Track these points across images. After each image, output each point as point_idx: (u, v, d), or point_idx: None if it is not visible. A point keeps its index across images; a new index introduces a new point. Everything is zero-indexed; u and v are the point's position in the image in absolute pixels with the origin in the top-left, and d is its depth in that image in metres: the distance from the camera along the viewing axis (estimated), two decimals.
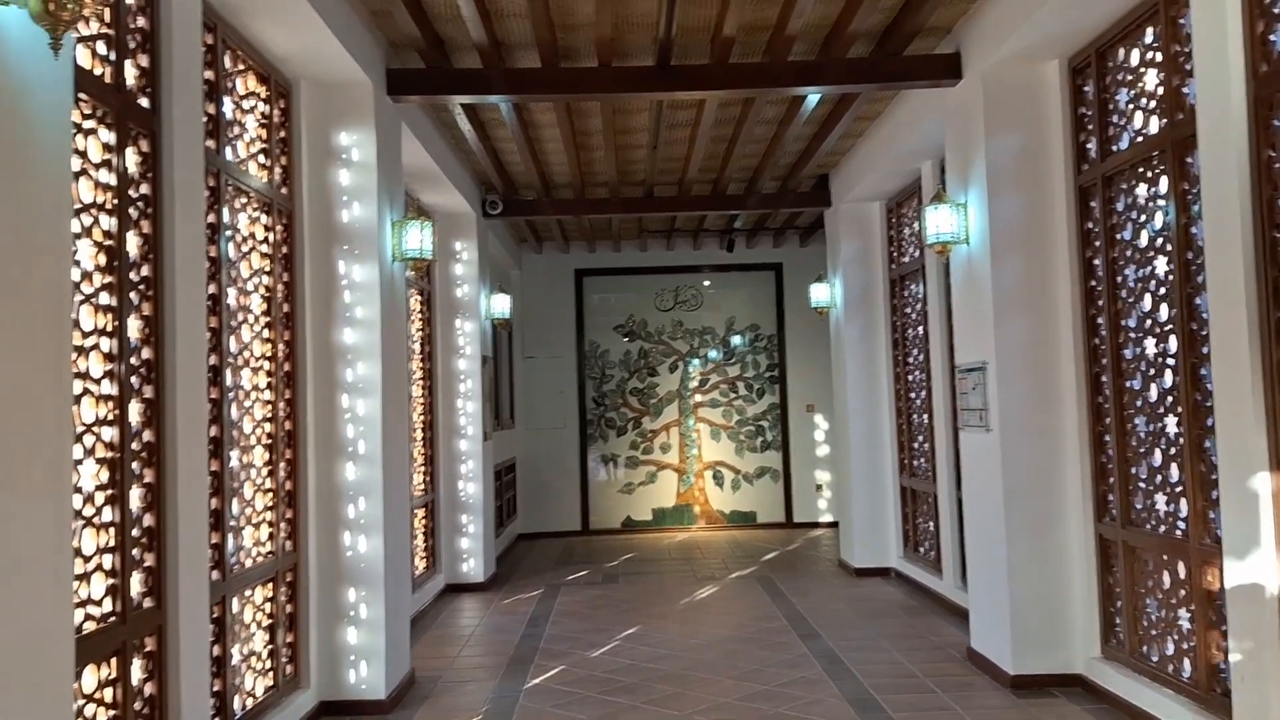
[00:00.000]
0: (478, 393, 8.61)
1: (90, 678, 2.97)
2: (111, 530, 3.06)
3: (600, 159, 8.01)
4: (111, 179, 3.10)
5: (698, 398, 12.17)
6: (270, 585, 4.65)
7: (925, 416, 7.79)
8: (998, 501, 5.31)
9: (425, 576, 7.93)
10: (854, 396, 8.76)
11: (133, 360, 3.19)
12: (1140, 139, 4.56)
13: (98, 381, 3.01)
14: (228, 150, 4.29)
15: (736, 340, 12.22)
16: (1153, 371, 4.54)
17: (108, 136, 3.09)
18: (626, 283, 12.24)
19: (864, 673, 5.59)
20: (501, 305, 9.49)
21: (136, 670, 3.18)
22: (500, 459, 10.40)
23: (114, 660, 3.06)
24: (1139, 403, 4.67)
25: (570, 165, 7.94)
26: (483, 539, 8.64)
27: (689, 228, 11.12)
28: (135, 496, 3.20)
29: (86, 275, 2.98)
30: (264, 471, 4.63)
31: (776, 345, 12.18)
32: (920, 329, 7.86)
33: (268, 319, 4.70)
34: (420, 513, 7.93)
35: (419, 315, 8.03)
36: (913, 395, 8.18)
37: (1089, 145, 5.04)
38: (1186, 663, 4.34)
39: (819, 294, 9.26)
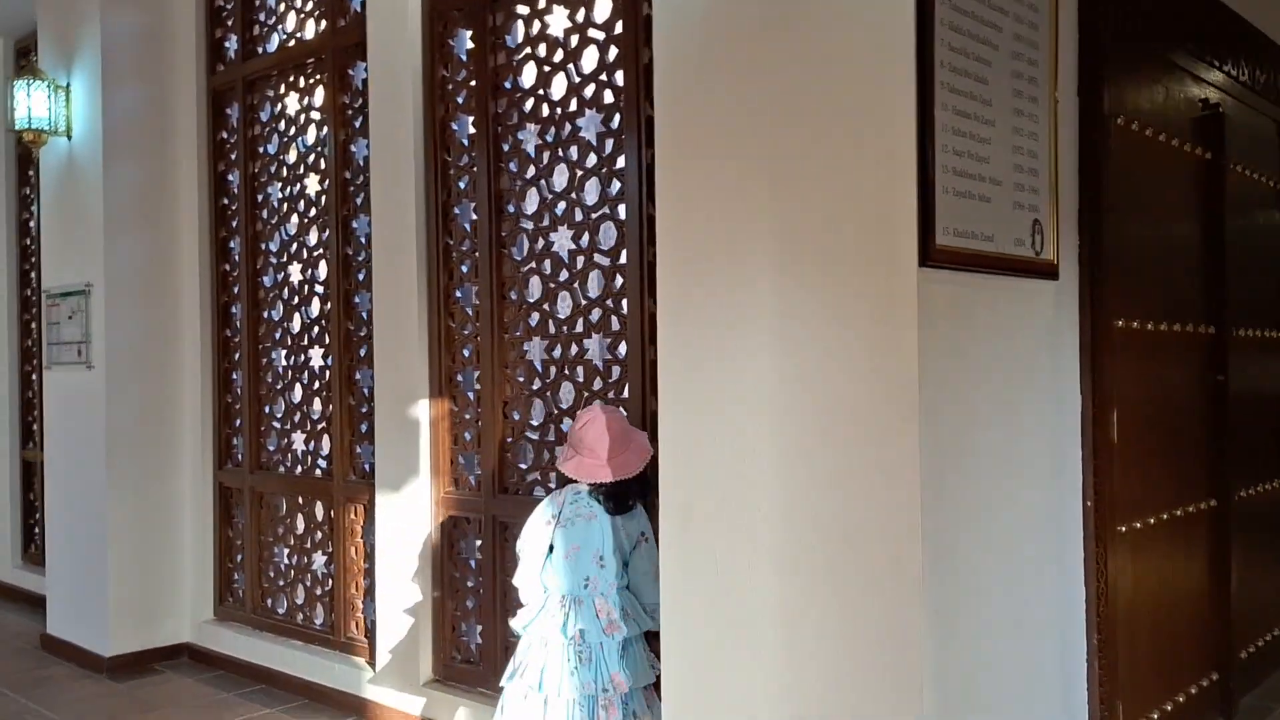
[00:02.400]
0: None
1: None
2: None
3: None
4: None
5: None
6: None
7: None
8: (98, 454, 4.36)
9: None
10: None
11: None
12: (293, 43, 4.16)
13: None
14: None
15: None
16: (297, 300, 4.19)
17: None
18: None
19: None
20: None
21: None
22: None
23: None
24: (278, 334, 4.28)
25: None
26: None
27: None
28: None
29: None
30: None
31: None
32: None
33: None
34: None
35: None
36: None
37: (228, 42, 4.44)
38: (320, 608, 4.12)
39: None
